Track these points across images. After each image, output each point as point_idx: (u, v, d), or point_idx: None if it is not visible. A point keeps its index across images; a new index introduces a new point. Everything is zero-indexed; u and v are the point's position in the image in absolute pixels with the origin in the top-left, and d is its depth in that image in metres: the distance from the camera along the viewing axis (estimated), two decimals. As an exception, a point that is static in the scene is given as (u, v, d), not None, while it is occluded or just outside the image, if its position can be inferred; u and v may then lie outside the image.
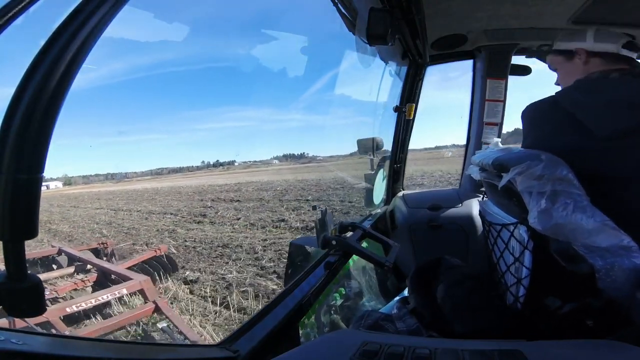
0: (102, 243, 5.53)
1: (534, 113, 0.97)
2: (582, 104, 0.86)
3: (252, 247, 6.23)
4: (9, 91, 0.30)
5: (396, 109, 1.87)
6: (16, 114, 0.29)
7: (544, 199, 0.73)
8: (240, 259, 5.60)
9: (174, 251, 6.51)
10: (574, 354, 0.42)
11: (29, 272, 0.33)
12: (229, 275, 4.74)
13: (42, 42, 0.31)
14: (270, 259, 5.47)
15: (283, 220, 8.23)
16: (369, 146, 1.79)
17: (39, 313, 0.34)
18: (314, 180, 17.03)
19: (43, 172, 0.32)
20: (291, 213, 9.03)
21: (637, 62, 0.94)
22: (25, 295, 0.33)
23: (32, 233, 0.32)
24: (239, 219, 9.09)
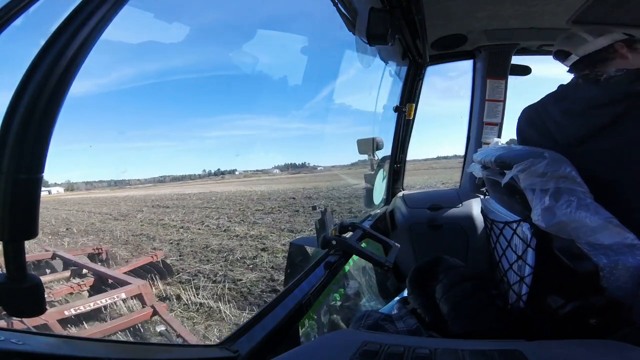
0: (97, 249, 5.49)
1: (524, 116, 1.01)
2: (551, 112, 0.90)
3: (116, 232, 9.57)
4: (9, 91, 0.30)
5: (396, 109, 1.87)
6: (16, 114, 0.29)
7: (547, 196, 0.73)
8: (101, 238, 8.94)
9: (74, 231, 10.25)
10: (574, 354, 0.42)
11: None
12: (84, 240, 8.44)
13: (42, 42, 0.31)
14: (115, 237, 8.85)
15: (163, 219, 11.47)
16: (369, 146, 1.79)
17: (39, 313, 0.34)
18: (260, 191, 20.66)
19: (43, 172, 0.32)
20: (175, 216, 12.20)
21: (595, 61, 0.90)
22: (26, 296, 0.33)
23: (32, 233, 0.32)
24: (141, 219, 12.32)
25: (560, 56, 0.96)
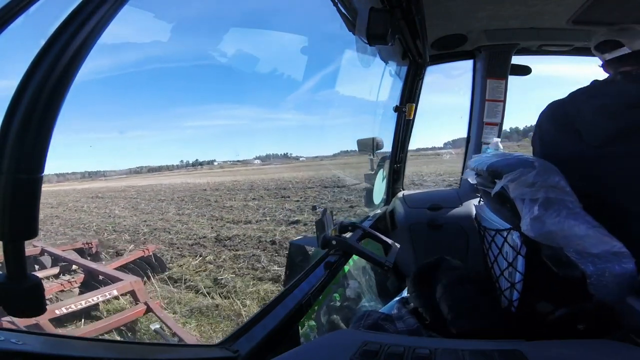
0: (87, 243, 5.25)
1: (548, 112, 0.98)
2: (581, 109, 0.87)
3: (39, 216, 12.22)
4: (9, 91, 0.30)
5: (396, 109, 1.87)
6: (16, 114, 0.29)
7: (536, 206, 0.74)
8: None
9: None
10: (573, 354, 0.42)
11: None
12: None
13: (42, 42, 0.31)
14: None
15: (83, 207, 13.94)
16: (369, 146, 1.79)
17: (39, 313, 0.34)
18: (196, 183, 22.82)
19: (43, 172, 0.32)
20: (96, 204, 14.43)
21: None
22: (26, 296, 0.33)
23: (32, 233, 0.32)
24: (70, 206, 14.60)
25: (607, 47, 0.91)
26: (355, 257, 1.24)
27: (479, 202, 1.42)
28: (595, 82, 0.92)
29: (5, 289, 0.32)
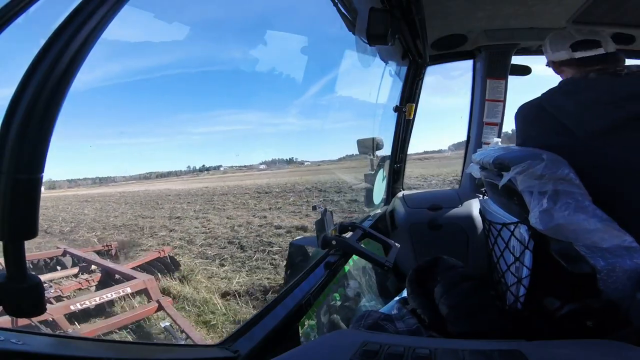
0: (107, 245, 5.58)
1: (523, 115, 1.00)
2: (563, 106, 0.88)
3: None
4: (9, 91, 0.30)
5: (396, 109, 1.87)
6: (16, 114, 0.29)
7: (545, 199, 0.73)
8: None
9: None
10: (574, 354, 0.42)
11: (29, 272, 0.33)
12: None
13: (42, 42, 0.31)
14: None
15: (68, 207, 16.29)
16: (369, 146, 1.79)
17: (39, 313, 0.34)
18: (174, 189, 24.30)
19: (43, 172, 0.32)
20: (78, 205, 16.85)
21: (618, 59, 0.92)
22: (25, 295, 0.33)
23: (32, 233, 0.32)
24: (59, 207, 16.70)
25: (582, 46, 0.93)
26: (355, 257, 1.24)
27: (483, 197, 1.41)
28: (566, 81, 0.94)
29: (5, 289, 0.32)
